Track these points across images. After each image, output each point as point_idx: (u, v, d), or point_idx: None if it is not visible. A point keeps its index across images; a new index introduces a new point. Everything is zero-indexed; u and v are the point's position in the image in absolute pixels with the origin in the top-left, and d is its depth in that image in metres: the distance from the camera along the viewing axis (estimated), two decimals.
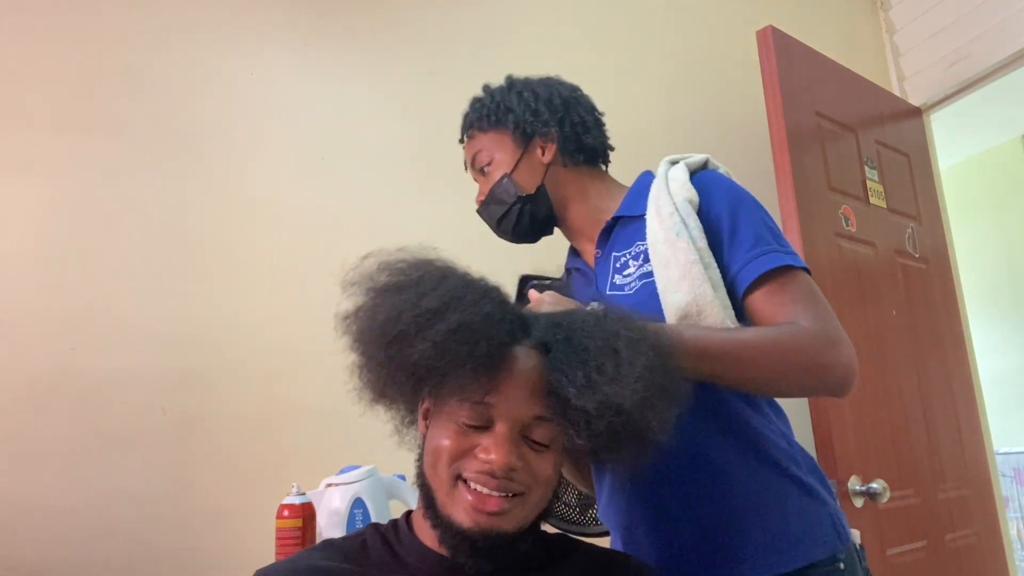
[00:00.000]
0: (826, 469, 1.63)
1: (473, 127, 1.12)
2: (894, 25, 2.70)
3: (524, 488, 0.71)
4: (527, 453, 0.72)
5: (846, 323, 0.92)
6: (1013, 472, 3.30)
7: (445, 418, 0.73)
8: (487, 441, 0.71)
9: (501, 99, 1.11)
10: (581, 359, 0.71)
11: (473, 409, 0.71)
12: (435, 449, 0.72)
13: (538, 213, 1.09)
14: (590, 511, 1.35)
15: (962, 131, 3.07)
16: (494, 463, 0.69)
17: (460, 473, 0.71)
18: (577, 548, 0.82)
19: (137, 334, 1.54)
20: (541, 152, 1.09)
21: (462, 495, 0.70)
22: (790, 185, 1.78)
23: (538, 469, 0.72)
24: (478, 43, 2.04)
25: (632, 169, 1.20)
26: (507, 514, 0.70)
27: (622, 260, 1.01)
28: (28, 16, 1.61)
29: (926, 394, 2.03)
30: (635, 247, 1.00)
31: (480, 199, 1.11)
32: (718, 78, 2.31)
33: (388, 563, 0.75)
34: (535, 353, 0.74)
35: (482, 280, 0.77)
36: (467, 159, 1.14)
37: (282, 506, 1.20)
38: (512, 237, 1.12)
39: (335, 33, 1.89)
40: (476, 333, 0.69)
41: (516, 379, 0.72)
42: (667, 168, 1.07)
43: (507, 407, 0.71)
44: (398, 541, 0.77)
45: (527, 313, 0.79)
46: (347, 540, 0.79)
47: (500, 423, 0.71)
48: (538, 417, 0.72)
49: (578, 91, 1.17)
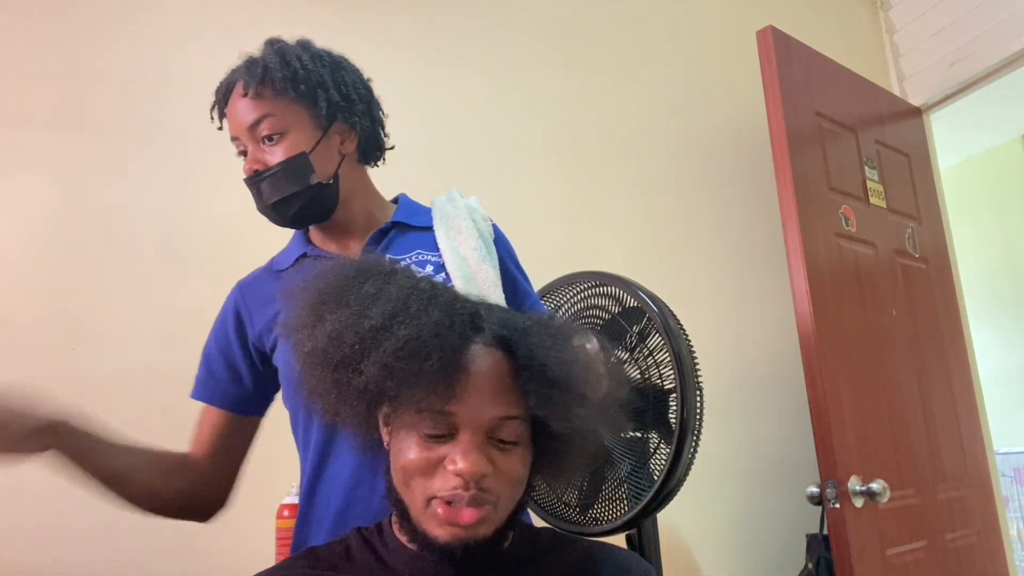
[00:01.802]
0: (826, 469, 1.64)
1: (267, 86, 0.96)
2: (894, 25, 2.70)
3: (496, 496, 0.69)
4: (495, 456, 0.69)
5: (846, 323, 0.92)
6: (1013, 472, 3.30)
7: (407, 429, 0.70)
8: (453, 451, 0.68)
9: (312, 69, 0.99)
10: (549, 349, 0.69)
11: (434, 419, 0.68)
12: (403, 467, 0.70)
13: (325, 203, 1.01)
14: (590, 511, 1.35)
15: (962, 131, 3.07)
16: (463, 472, 0.66)
17: (433, 494, 0.69)
18: (570, 542, 0.81)
19: (137, 334, 1.54)
20: (340, 141, 1.02)
21: (435, 511, 0.68)
22: (790, 185, 1.77)
23: (508, 469, 0.70)
24: (478, 42, 2.04)
25: (633, 168, 1.20)
26: (482, 522, 0.68)
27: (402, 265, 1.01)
28: (28, 16, 1.61)
29: (926, 394, 2.03)
30: (415, 255, 1.02)
31: (255, 168, 0.98)
32: (718, 78, 2.31)
33: (373, 568, 0.74)
34: (493, 350, 0.70)
35: (425, 280, 0.73)
36: (244, 119, 0.97)
37: (282, 506, 1.20)
38: (285, 221, 1.01)
39: (335, 33, 1.89)
40: (426, 346, 0.66)
41: (476, 382, 0.68)
42: (459, 197, 1.11)
43: (469, 413, 0.68)
44: (382, 544, 0.76)
45: (479, 305, 0.75)
46: (330, 547, 0.78)
47: (464, 431, 0.68)
48: (502, 417, 0.69)
49: (370, 82, 1.10)
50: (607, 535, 1.26)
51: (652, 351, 1.31)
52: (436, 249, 1.03)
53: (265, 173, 0.97)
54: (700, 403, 1.26)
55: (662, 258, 2.11)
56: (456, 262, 1.00)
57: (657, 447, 1.30)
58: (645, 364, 1.32)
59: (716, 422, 1.50)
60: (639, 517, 1.28)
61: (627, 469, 1.30)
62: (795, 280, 1.74)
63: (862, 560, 1.61)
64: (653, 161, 2.16)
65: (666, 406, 1.29)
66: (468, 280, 0.98)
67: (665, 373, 1.30)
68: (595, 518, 1.34)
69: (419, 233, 1.05)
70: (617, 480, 1.31)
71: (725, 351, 2.09)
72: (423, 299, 0.69)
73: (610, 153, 2.11)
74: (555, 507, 1.40)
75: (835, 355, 1.73)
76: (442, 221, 1.05)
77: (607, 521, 1.32)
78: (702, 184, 2.23)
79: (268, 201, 0.98)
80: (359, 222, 1.05)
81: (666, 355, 1.29)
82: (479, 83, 2.01)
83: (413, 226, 1.06)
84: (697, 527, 1.97)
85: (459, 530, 0.68)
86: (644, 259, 2.05)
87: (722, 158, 2.27)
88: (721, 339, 2.09)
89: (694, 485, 1.32)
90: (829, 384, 1.68)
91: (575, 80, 2.11)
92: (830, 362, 1.70)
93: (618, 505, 1.31)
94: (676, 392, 1.26)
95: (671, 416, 1.28)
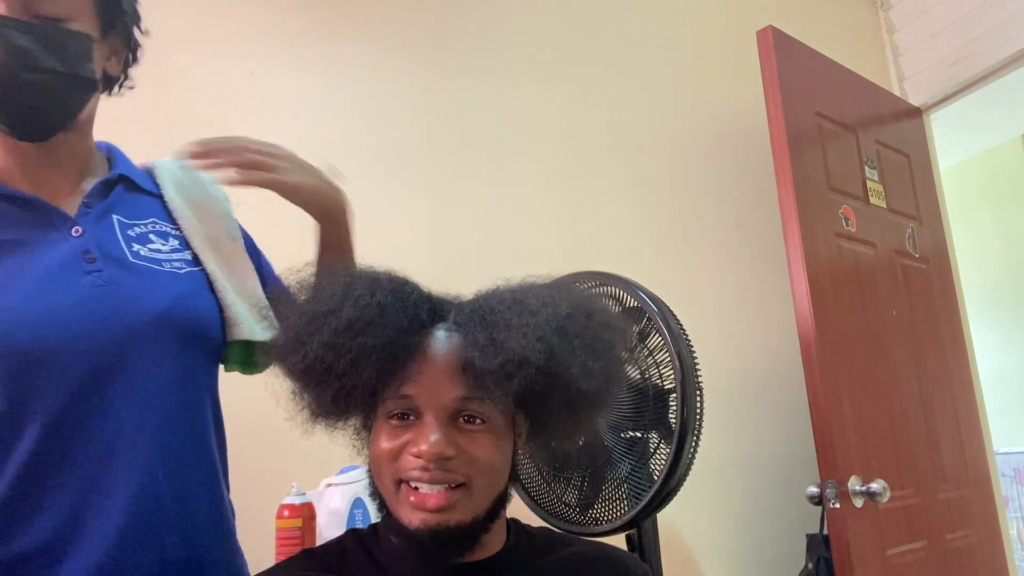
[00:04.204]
0: (826, 469, 1.64)
1: None
2: (894, 25, 2.70)
3: (464, 477, 0.69)
4: (461, 439, 0.69)
5: (846, 323, 0.92)
6: (1013, 472, 3.30)
7: (379, 421, 0.72)
8: (416, 434, 0.69)
9: None
10: (485, 321, 0.69)
11: (396, 404, 0.70)
12: (376, 456, 0.72)
13: (71, 109, 0.80)
14: (590, 511, 1.35)
15: (962, 131, 3.07)
16: (423, 453, 0.67)
17: (400, 477, 0.69)
18: (567, 543, 0.81)
19: None
20: (108, 56, 0.86)
21: (405, 497, 0.69)
22: (790, 185, 1.77)
23: (475, 453, 0.69)
24: (477, 42, 2.04)
25: (633, 167, 1.19)
26: (453, 508, 0.68)
27: (137, 230, 0.86)
28: None
29: (926, 394, 2.03)
30: (151, 223, 0.88)
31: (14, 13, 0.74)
32: (718, 78, 2.31)
33: (368, 569, 0.74)
34: (454, 336, 0.72)
35: (384, 274, 0.74)
36: None
37: (282, 506, 1.20)
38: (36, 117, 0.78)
39: (336, 31, 1.89)
40: (368, 324, 0.68)
41: (433, 364, 0.70)
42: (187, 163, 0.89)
43: (427, 394, 0.69)
44: (377, 545, 0.76)
45: (446, 300, 0.76)
46: (327, 549, 0.79)
47: (425, 412, 0.69)
48: (463, 398, 0.70)
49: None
50: (607, 535, 1.26)
51: (652, 351, 1.31)
52: (171, 221, 0.90)
53: (32, 24, 0.74)
54: (700, 403, 1.26)
55: (662, 258, 2.11)
56: (205, 243, 0.90)
57: (657, 447, 1.30)
58: (645, 364, 1.32)
59: (716, 422, 1.50)
60: (639, 517, 1.28)
61: (627, 469, 1.30)
62: (795, 280, 1.74)
63: (862, 560, 1.61)
64: (653, 161, 2.16)
65: (666, 406, 1.29)
66: (227, 262, 0.91)
67: (665, 373, 1.30)
68: (595, 518, 1.34)
69: (148, 198, 0.91)
70: (617, 480, 1.31)
71: (725, 351, 2.09)
72: (367, 285, 0.71)
73: (610, 153, 2.11)
74: (555, 507, 1.40)
75: (835, 355, 1.73)
76: (179, 192, 0.92)
77: (607, 521, 1.32)
78: (702, 184, 2.23)
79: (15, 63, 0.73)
80: (76, 160, 0.85)
81: (666, 355, 1.29)
82: (479, 83, 2.01)
83: (141, 187, 0.91)
84: (697, 527, 1.97)
85: (427, 515, 0.67)
86: (644, 259, 2.05)
87: (722, 158, 2.27)
88: (721, 339, 2.09)
89: (694, 485, 1.31)
90: (829, 384, 1.68)
91: (575, 80, 2.11)
92: (830, 362, 1.70)
93: (618, 505, 1.31)
94: (676, 392, 1.26)
95: (671, 416, 1.28)
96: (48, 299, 0.75)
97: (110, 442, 0.76)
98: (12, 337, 0.73)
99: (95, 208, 0.84)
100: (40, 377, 0.73)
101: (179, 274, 0.86)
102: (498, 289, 0.75)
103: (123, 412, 0.77)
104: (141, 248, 0.85)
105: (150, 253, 0.85)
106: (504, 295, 0.73)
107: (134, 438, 0.77)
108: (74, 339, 0.75)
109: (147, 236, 0.87)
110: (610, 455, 1.31)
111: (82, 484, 0.74)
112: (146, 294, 0.81)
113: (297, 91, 1.80)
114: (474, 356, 0.68)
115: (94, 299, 0.78)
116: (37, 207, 0.80)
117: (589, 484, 1.35)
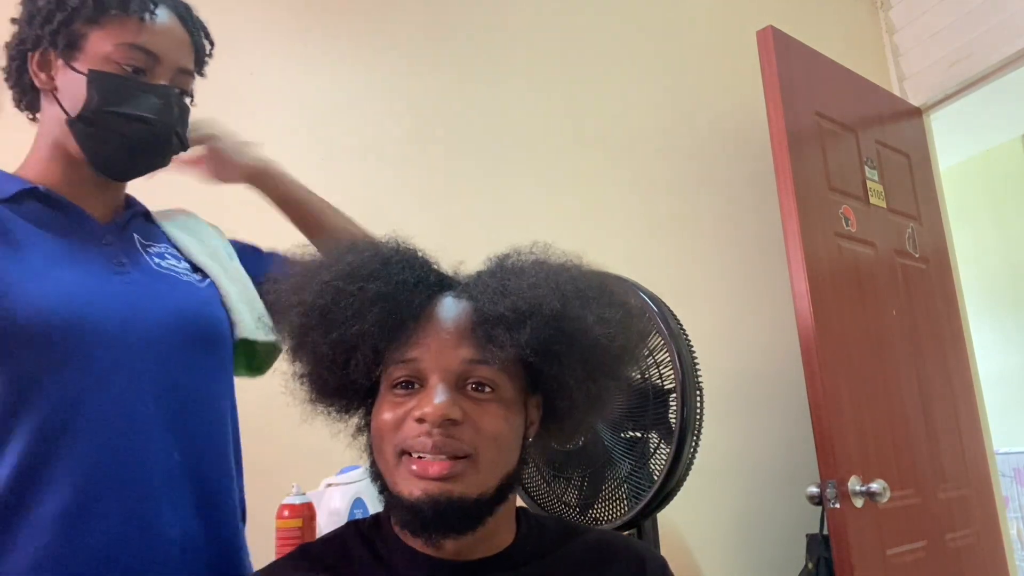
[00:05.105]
0: (826, 469, 1.64)
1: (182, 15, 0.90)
2: (894, 25, 2.70)
3: (470, 448, 0.64)
4: (468, 406, 0.65)
5: (846, 323, 0.92)
6: (1013, 472, 3.30)
7: (382, 394, 0.69)
8: (420, 399, 0.66)
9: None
10: (496, 274, 0.69)
11: (400, 369, 0.67)
12: (378, 428, 0.68)
13: (166, 155, 0.92)
14: (590, 511, 1.35)
15: (962, 131, 3.07)
16: (427, 415, 0.63)
17: (402, 447, 0.65)
18: (580, 532, 0.78)
19: None
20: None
21: (407, 467, 0.65)
22: (790, 185, 1.77)
23: (482, 423, 0.65)
24: (477, 42, 2.04)
25: (633, 167, 1.19)
26: (457, 478, 0.64)
27: (155, 250, 0.94)
28: None
29: (926, 394, 2.03)
30: (163, 246, 0.96)
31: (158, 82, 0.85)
32: (718, 78, 2.31)
33: (370, 564, 0.71)
34: (463, 301, 0.70)
35: (391, 238, 0.75)
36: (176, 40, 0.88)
37: (282, 506, 1.20)
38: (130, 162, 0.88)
39: (335, 31, 1.89)
40: (371, 274, 0.67)
41: (440, 326, 0.67)
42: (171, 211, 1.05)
43: (433, 357, 0.66)
44: (380, 538, 0.73)
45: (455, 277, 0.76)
46: (326, 544, 0.75)
47: (430, 376, 0.66)
48: (472, 360, 0.66)
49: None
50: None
51: (652, 351, 1.32)
52: (177, 250, 0.98)
53: (170, 90, 0.87)
54: (700, 403, 1.26)
55: (662, 258, 2.11)
56: (207, 258, 0.98)
57: (657, 447, 1.30)
58: (645, 364, 1.32)
59: (716, 422, 1.50)
60: (639, 517, 1.28)
61: (627, 469, 1.30)
62: (795, 280, 1.74)
63: (862, 560, 1.61)
64: (653, 161, 2.16)
65: (666, 406, 1.29)
66: (232, 280, 0.98)
67: (665, 373, 1.30)
68: (595, 518, 1.34)
69: (158, 228, 0.99)
70: (617, 480, 1.31)
71: (725, 351, 2.09)
72: (378, 243, 0.72)
73: (610, 153, 2.11)
74: (555, 507, 1.40)
75: (835, 355, 1.73)
76: (172, 224, 1.00)
77: (607, 521, 1.32)
78: (702, 184, 2.23)
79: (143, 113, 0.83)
80: (119, 193, 0.95)
81: (666, 355, 1.29)
82: (476, 82, 2.01)
83: (152, 219, 1.00)
84: (697, 527, 1.96)
85: (429, 483, 0.63)
86: (644, 259, 2.05)
87: (722, 158, 2.27)
88: (721, 339, 2.09)
89: (694, 485, 1.32)
90: (829, 384, 1.68)
91: (574, 79, 2.11)
92: (830, 362, 1.70)
93: (618, 505, 1.31)
94: (676, 392, 1.26)
95: (671, 416, 1.28)
96: (83, 285, 0.81)
97: (129, 418, 0.79)
98: (49, 315, 0.77)
99: (119, 226, 0.92)
100: (72, 355, 0.77)
101: (198, 286, 0.94)
102: (510, 255, 0.74)
103: (147, 394, 0.81)
104: (162, 262, 0.93)
105: (169, 267, 0.93)
106: (518, 258, 0.73)
107: (152, 420, 0.81)
108: (106, 320, 0.80)
109: (163, 254, 0.95)
110: (610, 455, 1.31)
111: (97, 455, 0.77)
112: (173, 296, 0.89)
113: (296, 90, 1.80)
114: (484, 303, 0.66)
115: (126, 292, 0.84)
116: (76, 214, 0.87)
117: (589, 484, 1.35)
